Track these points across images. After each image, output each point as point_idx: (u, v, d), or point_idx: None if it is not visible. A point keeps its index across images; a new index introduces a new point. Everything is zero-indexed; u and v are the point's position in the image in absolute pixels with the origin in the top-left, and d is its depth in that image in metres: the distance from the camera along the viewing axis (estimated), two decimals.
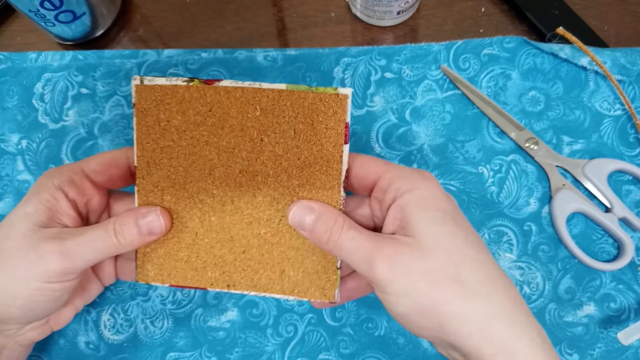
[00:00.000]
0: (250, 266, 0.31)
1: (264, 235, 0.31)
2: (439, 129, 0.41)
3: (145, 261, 0.32)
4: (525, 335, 0.25)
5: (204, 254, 0.31)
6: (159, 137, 0.30)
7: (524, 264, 0.39)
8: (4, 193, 0.42)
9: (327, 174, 0.29)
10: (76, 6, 0.41)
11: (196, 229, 0.31)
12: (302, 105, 0.29)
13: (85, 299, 0.36)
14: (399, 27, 0.44)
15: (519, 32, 0.43)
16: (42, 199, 0.30)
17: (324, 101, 0.29)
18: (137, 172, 0.31)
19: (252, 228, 0.31)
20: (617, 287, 0.38)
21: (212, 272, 0.31)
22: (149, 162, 0.31)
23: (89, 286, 0.36)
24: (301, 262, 0.31)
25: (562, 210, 0.38)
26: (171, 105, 0.30)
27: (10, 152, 0.42)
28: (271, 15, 0.45)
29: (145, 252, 0.32)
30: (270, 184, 0.30)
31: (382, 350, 0.38)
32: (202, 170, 0.30)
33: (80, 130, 0.42)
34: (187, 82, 0.29)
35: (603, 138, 0.40)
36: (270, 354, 0.38)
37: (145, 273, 0.32)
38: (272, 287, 0.31)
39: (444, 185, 0.40)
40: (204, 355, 0.39)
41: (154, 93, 0.30)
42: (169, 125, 0.30)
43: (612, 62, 0.40)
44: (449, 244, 0.27)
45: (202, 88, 0.29)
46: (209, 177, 0.30)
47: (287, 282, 0.31)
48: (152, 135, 0.30)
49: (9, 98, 0.43)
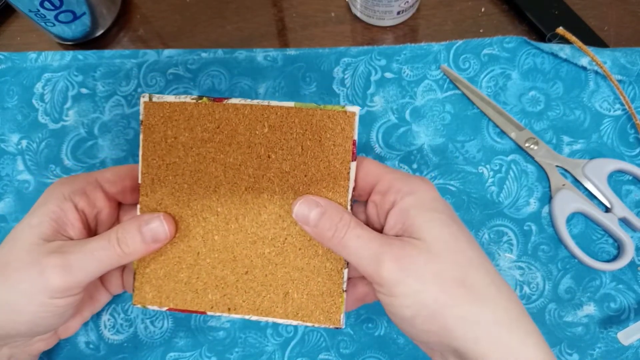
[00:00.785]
0: (253, 288, 0.31)
1: (268, 255, 0.30)
2: (439, 129, 0.41)
3: (143, 282, 0.31)
4: (530, 341, 0.26)
5: (205, 275, 0.31)
6: (165, 154, 0.30)
7: (524, 264, 0.39)
8: (4, 193, 0.42)
9: (334, 191, 0.29)
10: (76, 6, 0.41)
11: (198, 248, 0.31)
12: (310, 123, 0.29)
13: (94, 309, 0.36)
14: (399, 27, 0.44)
15: (519, 32, 0.43)
16: (48, 211, 0.30)
17: (332, 118, 0.29)
18: (141, 189, 0.31)
19: (256, 247, 0.30)
20: (617, 287, 0.38)
21: (213, 295, 0.31)
22: (154, 179, 0.31)
23: (97, 296, 0.35)
24: (306, 284, 0.30)
25: (562, 210, 0.38)
26: (179, 122, 0.30)
27: (10, 152, 0.42)
28: (271, 15, 0.45)
29: (144, 272, 0.31)
30: (276, 201, 0.30)
31: (382, 350, 0.38)
32: (207, 187, 0.30)
33: (80, 130, 0.42)
34: (196, 99, 0.29)
35: (603, 138, 0.40)
36: (270, 354, 0.38)
37: (142, 295, 0.31)
38: (274, 311, 0.31)
39: (444, 185, 0.40)
40: (204, 355, 0.39)
41: (162, 110, 0.30)
42: (176, 142, 0.30)
43: (612, 62, 0.40)
44: (455, 246, 0.27)
45: (210, 105, 0.29)
46: (214, 195, 0.30)
47: (291, 305, 0.30)
48: (158, 151, 0.30)
49: (9, 98, 0.43)
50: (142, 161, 0.30)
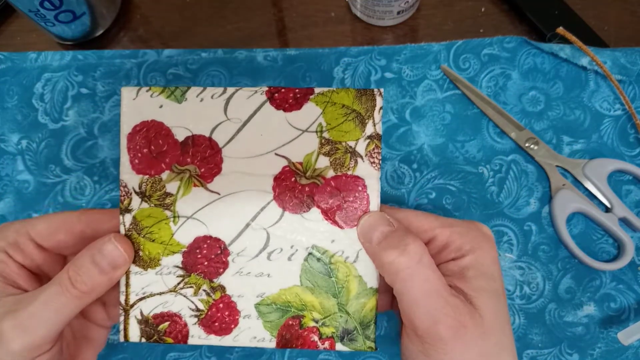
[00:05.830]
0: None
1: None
2: (439, 129, 0.41)
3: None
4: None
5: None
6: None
7: (524, 264, 0.39)
8: (4, 193, 0.42)
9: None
10: (76, 6, 0.41)
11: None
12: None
13: (95, 348, 0.32)
14: (399, 27, 0.44)
15: (519, 32, 0.43)
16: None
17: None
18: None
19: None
20: (617, 287, 0.38)
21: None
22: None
23: (91, 334, 0.31)
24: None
25: (562, 210, 0.38)
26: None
27: (10, 152, 0.42)
28: (271, 15, 0.45)
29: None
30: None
31: (382, 350, 0.38)
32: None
33: (80, 130, 0.42)
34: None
35: (603, 138, 0.40)
36: (270, 354, 0.38)
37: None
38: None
39: (444, 185, 0.40)
40: (204, 355, 0.39)
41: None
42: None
43: (612, 62, 0.40)
44: (503, 325, 0.26)
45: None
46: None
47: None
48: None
49: (9, 98, 0.43)
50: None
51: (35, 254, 0.28)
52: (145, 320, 0.29)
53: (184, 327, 0.29)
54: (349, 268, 0.29)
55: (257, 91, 0.29)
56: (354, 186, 0.29)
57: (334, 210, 0.29)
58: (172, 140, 0.29)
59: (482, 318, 0.25)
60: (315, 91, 0.29)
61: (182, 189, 0.29)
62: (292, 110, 0.29)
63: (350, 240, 0.29)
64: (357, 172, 0.29)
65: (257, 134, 0.29)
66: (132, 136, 0.29)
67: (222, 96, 0.29)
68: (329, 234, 0.29)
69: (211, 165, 0.29)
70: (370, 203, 0.29)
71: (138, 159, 0.29)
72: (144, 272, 0.29)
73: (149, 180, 0.29)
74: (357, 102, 0.29)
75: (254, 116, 0.29)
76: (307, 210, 0.29)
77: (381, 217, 0.27)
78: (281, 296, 0.29)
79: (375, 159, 0.29)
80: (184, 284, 0.29)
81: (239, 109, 0.29)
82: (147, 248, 0.29)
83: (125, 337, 0.29)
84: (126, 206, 0.29)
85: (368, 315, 0.29)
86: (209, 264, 0.29)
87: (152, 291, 0.29)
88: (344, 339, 0.29)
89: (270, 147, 0.29)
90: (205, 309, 0.29)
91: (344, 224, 0.29)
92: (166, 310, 0.29)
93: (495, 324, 0.25)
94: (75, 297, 0.26)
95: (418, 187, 0.40)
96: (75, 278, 0.26)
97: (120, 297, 0.29)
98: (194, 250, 0.29)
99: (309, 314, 0.29)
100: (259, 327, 0.29)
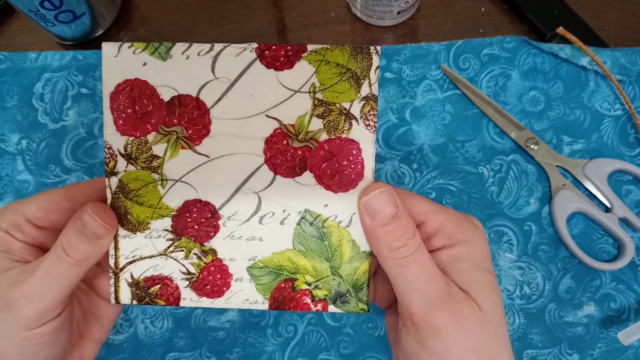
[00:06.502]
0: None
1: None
2: (439, 129, 0.41)
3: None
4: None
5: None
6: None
7: (524, 264, 0.39)
8: (4, 193, 0.42)
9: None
10: (76, 6, 0.41)
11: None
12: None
13: (104, 326, 0.32)
14: (399, 27, 0.44)
15: (519, 32, 0.43)
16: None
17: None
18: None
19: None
20: (617, 287, 0.38)
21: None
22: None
23: (99, 311, 0.32)
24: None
25: (562, 210, 0.38)
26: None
27: (10, 152, 0.42)
28: (271, 15, 0.45)
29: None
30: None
31: (382, 350, 0.38)
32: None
33: (80, 130, 0.42)
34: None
35: (603, 138, 0.40)
36: (270, 354, 0.38)
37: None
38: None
39: (444, 185, 0.40)
40: (204, 355, 0.39)
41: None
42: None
43: (612, 62, 0.40)
44: (500, 317, 0.26)
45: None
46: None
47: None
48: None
49: (9, 98, 0.43)
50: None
51: (34, 232, 0.29)
52: (136, 283, 0.29)
53: (175, 290, 0.29)
54: (342, 232, 0.28)
55: (246, 48, 0.28)
56: (348, 150, 0.28)
57: (327, 174, 0.28)
58: (157, 100, 0.28)
59: (480, 308, 0.25)
60: (308, 48, 0.28)
61: (169, 151, 0.28)
62: (283, 69, 0.28)
63: (344, 205, 0.28)
64: (351, 135, 0.28)
65: (246, 94, 0.28)
66: (115, 95, 0.28)
67: (209, 53, 0.28)
68: (322, 198, 0.28)
69: (199, 127, 0.28)
70: (365, 167, 0.28)
71: (122, 120, 0.28)
72: (132, 235, 0.29)
73: (135, 141, 0.28)
74: (352, 60, 0.28)
75: (243, 75, 0.28)
76: (300, 174, 0.28)
77: (390, 196, 0.26)
78: (273, 259, 0.29)
79: (371, 122, 0.28)
80: (175, 247, 0.29)
81: (227, 67, 0.28)
82: (135, 211, 0.29)
83: (116, 299, 0.29)
84: (112, 168, 0.28)
85: (361, 278, 0.29)
86: (199, 228, 0.29)
87: (142, 254, 0.29)
88: (336, 302, 0.29)
89: (260, 108, 0.28)
90: (197, 272, 0.29)
91: (338, 189, 0.28)
92: (157, 273, 0.29)
93: (493, 316, 0.25)
94: (71, 264, 0.26)
95: (418, 187, 0.40)
96: (68, 247, 0.26)
97: (110, 261, 0.29)
98: (184, 214, 0.29)
99: (302, 277, 0.29)
100: (252, 289, 0.29)
